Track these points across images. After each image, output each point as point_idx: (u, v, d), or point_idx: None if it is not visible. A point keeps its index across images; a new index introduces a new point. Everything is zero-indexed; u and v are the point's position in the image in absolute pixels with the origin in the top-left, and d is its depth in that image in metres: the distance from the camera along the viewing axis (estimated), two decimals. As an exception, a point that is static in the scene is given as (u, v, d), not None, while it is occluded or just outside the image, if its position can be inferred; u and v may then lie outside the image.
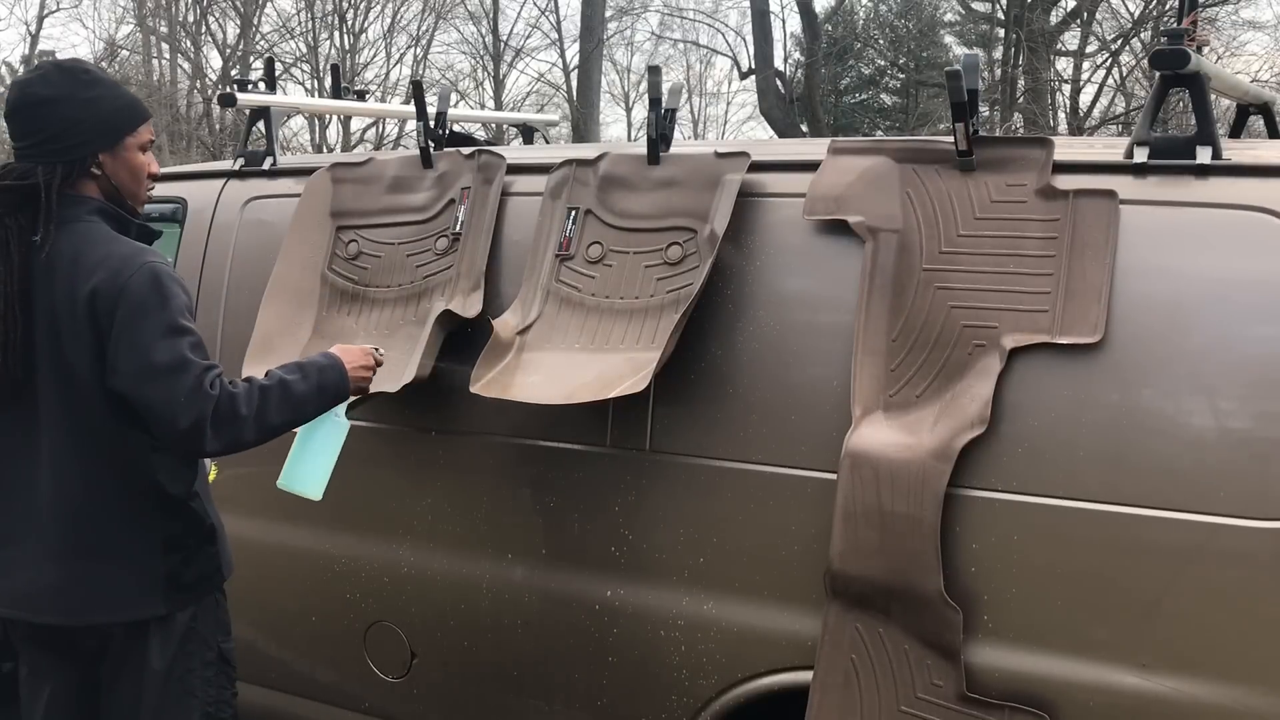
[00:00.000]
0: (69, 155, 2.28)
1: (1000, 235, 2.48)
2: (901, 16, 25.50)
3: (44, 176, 2.26)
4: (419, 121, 3.25)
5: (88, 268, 2.25)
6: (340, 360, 2.47)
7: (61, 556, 2.32)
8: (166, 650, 2.38)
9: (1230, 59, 18.01)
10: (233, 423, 2.24)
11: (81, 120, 2.29)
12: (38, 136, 2.28)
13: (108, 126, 2.32)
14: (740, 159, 2.77)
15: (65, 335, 2.26)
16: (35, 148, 2.29)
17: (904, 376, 2.51)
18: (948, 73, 2.48)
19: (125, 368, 2.22)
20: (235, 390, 2.27)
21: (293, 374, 2.38)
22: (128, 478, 2.35)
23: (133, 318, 2.21)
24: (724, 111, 33.61)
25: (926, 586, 2.40)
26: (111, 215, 2.34)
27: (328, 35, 23.73)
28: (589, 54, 21.21)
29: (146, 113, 2.42)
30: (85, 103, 2.29)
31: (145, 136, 2.40)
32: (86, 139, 2.29)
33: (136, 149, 2.37)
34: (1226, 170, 2.39)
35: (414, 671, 3.19)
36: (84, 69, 2.37)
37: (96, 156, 2.31)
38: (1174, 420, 2.30)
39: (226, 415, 2.23)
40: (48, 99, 2.28)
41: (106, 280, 2.23)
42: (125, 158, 2.35)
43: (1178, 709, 2.27)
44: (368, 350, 2.60)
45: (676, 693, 2.79)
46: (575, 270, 2.93)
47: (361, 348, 2.59)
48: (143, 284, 2.23)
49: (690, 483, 2.75)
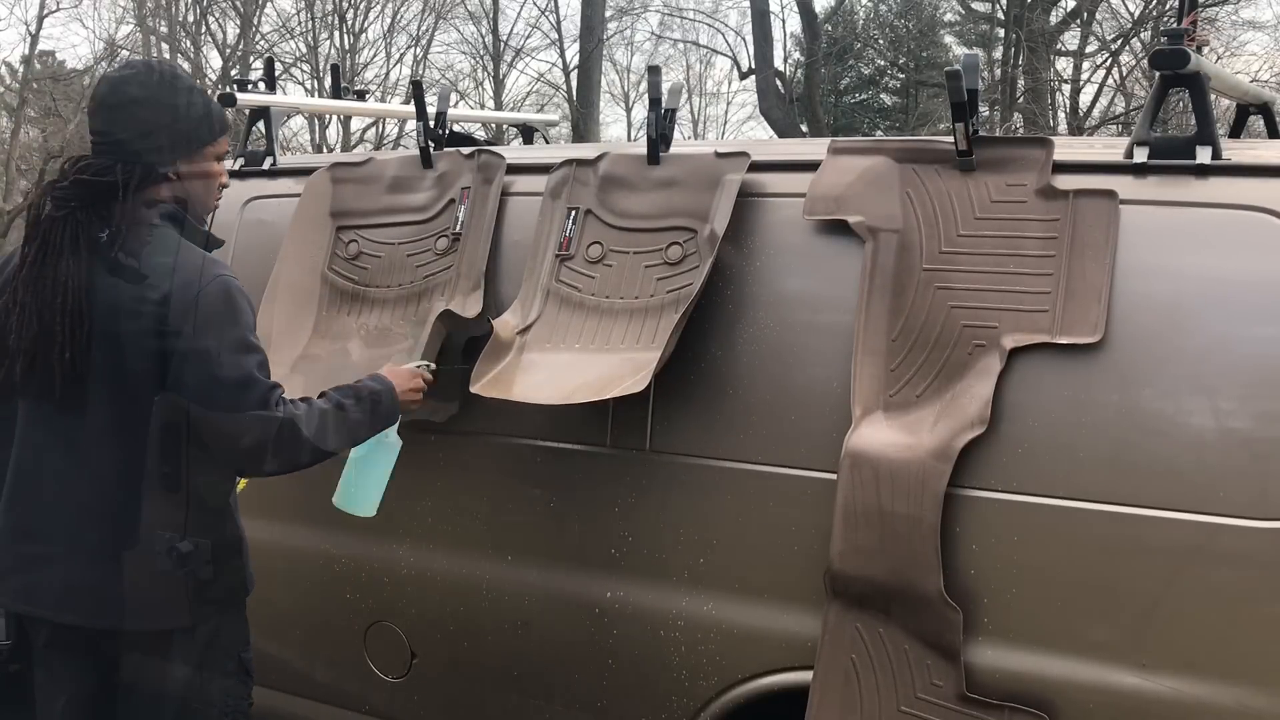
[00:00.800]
0: (150, 158, 2.25)
1: (1000, 235, 2.48)
2: (901, 16, 25.50)
3: (122, 175, 2.22)
4: (419, 121, 3.25)
5: (158, 273, 2.22)
6: (392, 385, 2.50)
7: (93, 558, 2.28)
8: (188, 661, 2.34)
9: (1230, 59, 18.02)
10: (293, 445, 2.25)
11: (168, 125, 2.27)
12: (122, 134, 2.26)
13: (192, 134, 2.31)
14: (740, 159, 2.77)
15: (125, 338, 2.21)
16: (118, 145, 2.25)
17: (904, 376, 2.51)
18: (948, 73, 2.48)
19: (192, 380, 2.20)
20: (297, 413, 2.26)
21: (348, 398, 2.39)
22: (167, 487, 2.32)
23: (204, 330, 2.19)
24: (724, 111, 33.63)
25: (926, 586, 2.40)
26: (181, 221, 2.30)
27: (328, 35, 23.72)
28: (589, 54, 21.20)
29: (227, 124, 2.44)
30: (174, 108, 2.28)
31: (222, 147, 2.40)
32: (170, 144, 2.28)
33: (213, 158, 2.37)
34: (1226, 170, 2.39)
35: (414, 671, 3.19)
36: (176, 74, 2.37)
37: (175, 162, 2.30)
38: (1174, 420, 2.30)
39: (288, 438, 2.24)
40: (139, 99, 2.26)
41: (179, 289, 2.20)
42: (202, 166, 2.35)
43: (1178, 709, 2.27)
44: (416, 372, 2.63)
45: (676, 693, 2.79)
46: (575, 270, 2.93)
47: (409, 369, 2.61)
48: (216, 297, 2.21)
49: (690, 483, 2.75)
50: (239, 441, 2.22)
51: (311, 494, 3.32)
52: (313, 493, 3.32)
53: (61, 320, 2.18)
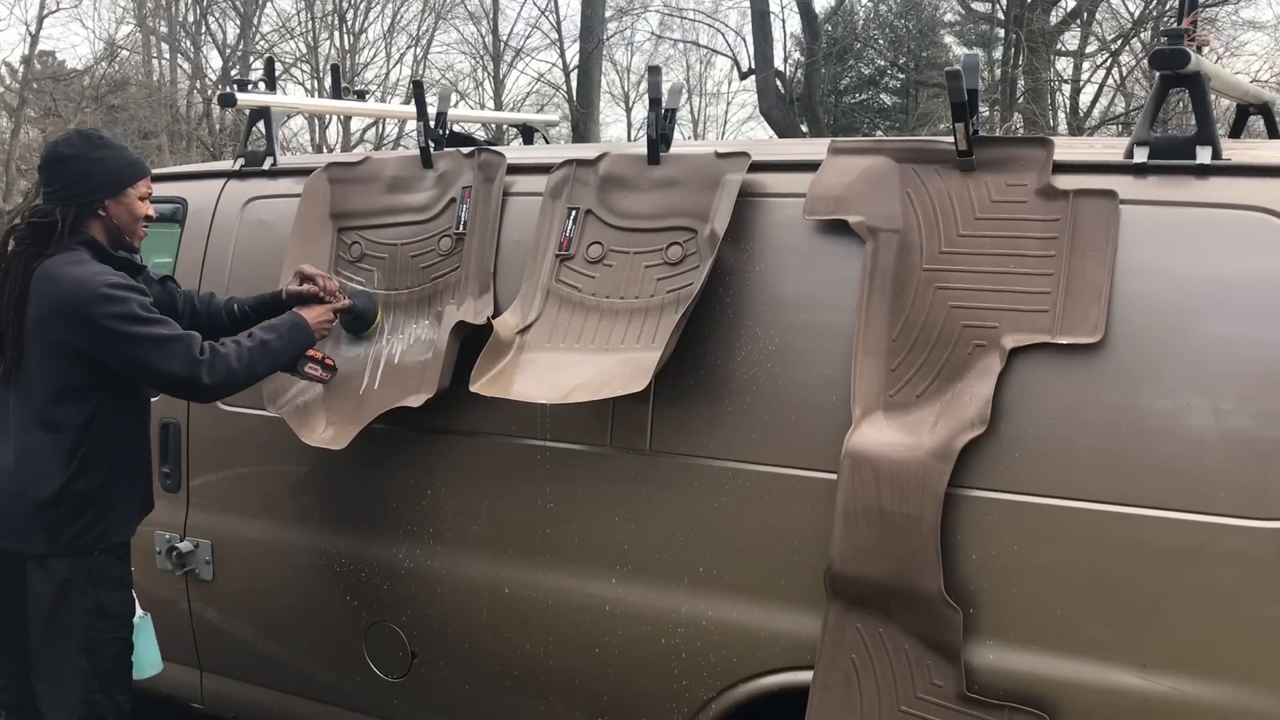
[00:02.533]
0: (81, 200, 2.87)
1: (1000, 235, 2.48)
2: (901, 16, 25.48)
3: (60, 214, 2.85)
4: (419, 121, 3.25)
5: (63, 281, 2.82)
6: (305, 318, 3.01)
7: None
8: (46, 588, 2.82)
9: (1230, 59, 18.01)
10: (226, 374, 2.82)
11: (92, 174, 2.87)
12: (58, 184, 2.87)
13: (113, 179, 2.89)
14: (740, 159, 2.77)
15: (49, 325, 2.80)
16: (57, 193, 2.87)
17: (904, 376, 2.51)
18: (948, 73, 2.47)
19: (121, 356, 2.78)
20: (225, 351, 2.83)
21: (269, 332, 2.95)
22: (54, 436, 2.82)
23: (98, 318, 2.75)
24: (724, 111, 33.68)
25: (926, 586, 2.40)
26: (95, 247, 2.87)
27: (328, 35, 23.73)
28: (589, 54, 21.19)
29: (146, 170, 3.00)
30: (95, 160, 2.88)
31: (144, 189, 2.96)
32: (95, 188, 2.87)
33: (136, 198, 2.93)
34: (1226, 170, 2.39)
35: (414, 671, 3.19)
36: (98, 135, 2.97)
37: (103, 202, 2.88)
38: (1174, 420, 2.30)
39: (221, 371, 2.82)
40: (67, 156, 2.88)
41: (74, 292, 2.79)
42: (126, 204, 2.92)
43: (1178, 709, 2.27)
44: (327, 306, 3.07)
45: (676, 693, 2.79)
46: (575, 270, 2.93)
47: (321, 307, 3.07)
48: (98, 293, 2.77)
49: (690, 483, 2.75)
50: (180, 381, 2.79)
51: (311, 495, 3.33)
52: (313, 493, 3.33)
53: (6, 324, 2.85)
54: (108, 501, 2.88)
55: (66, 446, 2.81)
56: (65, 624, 2.83)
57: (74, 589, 2.83)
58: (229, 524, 3.15)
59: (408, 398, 2.98)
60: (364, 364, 3.14)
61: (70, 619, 2.83)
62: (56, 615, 2.82)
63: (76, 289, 2.76)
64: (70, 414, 2.82)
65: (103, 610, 2.87)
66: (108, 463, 2.88)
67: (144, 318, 2.78)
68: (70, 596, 2.83)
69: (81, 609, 2.83)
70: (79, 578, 2.83)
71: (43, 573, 2.83)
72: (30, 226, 2.88)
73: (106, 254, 2.88)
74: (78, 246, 2.85)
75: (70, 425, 2.82)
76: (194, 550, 3.50)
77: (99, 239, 2.89)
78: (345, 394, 3.14)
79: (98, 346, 2.78)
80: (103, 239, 2.90)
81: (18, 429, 2.85)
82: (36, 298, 2.80)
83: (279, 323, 2.99)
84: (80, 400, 2.82)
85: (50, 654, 2.85)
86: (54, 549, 2.82)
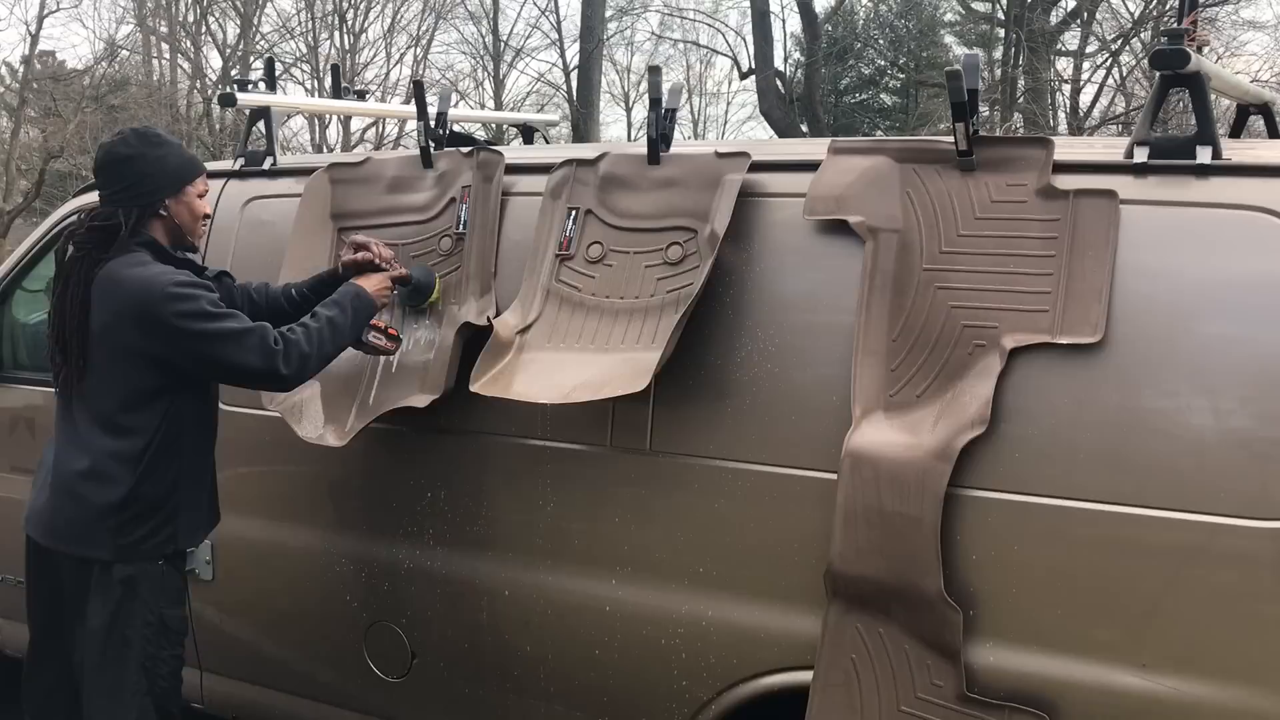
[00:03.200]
0: (143, 200, 2.81)
1: (1000, 235, 2.48)
2: (901, 16, 25.48)
3: (123, 216, 2.79)
4: (419, 121, 3.25)
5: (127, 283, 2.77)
6: (363, 287, 2.95)
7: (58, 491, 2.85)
8: (108, 596, 2.78)
9: (1230, 59, 17.99)
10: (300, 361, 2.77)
11: (153, 173, 2.80)
12: (118, 185, 2.81)
13: (174, 177, 2.83)
14: (740, 159, 2.77)
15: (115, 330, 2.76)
16: (117, 195, 2.81)
17: (904, 376, 2.51)
18: (948, 73, 2.47)
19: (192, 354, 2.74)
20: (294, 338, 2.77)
21: (331, 309, 2.88)
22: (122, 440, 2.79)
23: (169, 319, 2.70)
24: (724, 111, 33.65)
25: (926, 586, 2.40)
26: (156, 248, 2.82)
27: (328, 35, 23.72)
28: (589, 54, 21.18)
29: (203, 167, 2.94)
30: (156, 159, 2.81)
31: (202, 187, 2.90)
32: (157, 187, 2.81)
33: (195, 195, 2.88)
34: (1226, 170, 2.39)
35: (414, 671, 3.19)
36: (154, 133, 2.89)
37: (164, 201, 2.82)
38: (1174, 420, 2.30)
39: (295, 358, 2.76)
40: (125, 156, 2.80)
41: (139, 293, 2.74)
42: (186, 202, 2.86)
43: (1178, 709, 2.27)
44: (384, 274, 3.01)
45: (676, 693, 2.79)
46: (575, 270, 2.93)
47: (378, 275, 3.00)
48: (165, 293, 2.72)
49: (690, 483, 2.75)
50: (258, 373, 2.74)
51: (311, 495, 3.33)
52: (313, 494, 3.33)
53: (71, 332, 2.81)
54: (174, 507, 2.84)
55: (134, 451, 2.77)
56: (123, 635, 2.78)
57: (135, 599, 2.78)
58: (229, 524, 3.15)
59: (413, 398, 2.98)
60: (365, 362, 3.14)
61: (129, 630, 2.78)
62: (115, 625, 2.77)
63: (143, 290, 2.70)
64: (138, 418, 2.77)
65: (163, 625, 2.83)
66: (175, 467, 2.83)
67: (214, 313, 2.72)
68: (132, 608, 2.78)
69: (142, 622, 2.79)
70: (141, 588, 2.79)
71: (106, 579, 2.78)
72: (91, 230, 2.82)
73: (167, 254, 2.83)
74: (138, 248, 2.79)
75: (138, 429, 2.77)
76: (194, 550, 3.50)
77: (160, 239, 2.83)
78: (346, 393, 3.14)
79: (169, 347, 2.72)
80: (164, 239, 2.84)
81: (86, 435, 2.80)
82: (101, 302, 2.75)
83: (339, 296, 2.92)
84: (149, 404, 2.77)
85: (108, 668, 2.79)
86: (119, 554, 2.77)
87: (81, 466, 2.79)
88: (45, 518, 2.87)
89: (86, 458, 2.79)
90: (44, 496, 2.89)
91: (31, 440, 3.86)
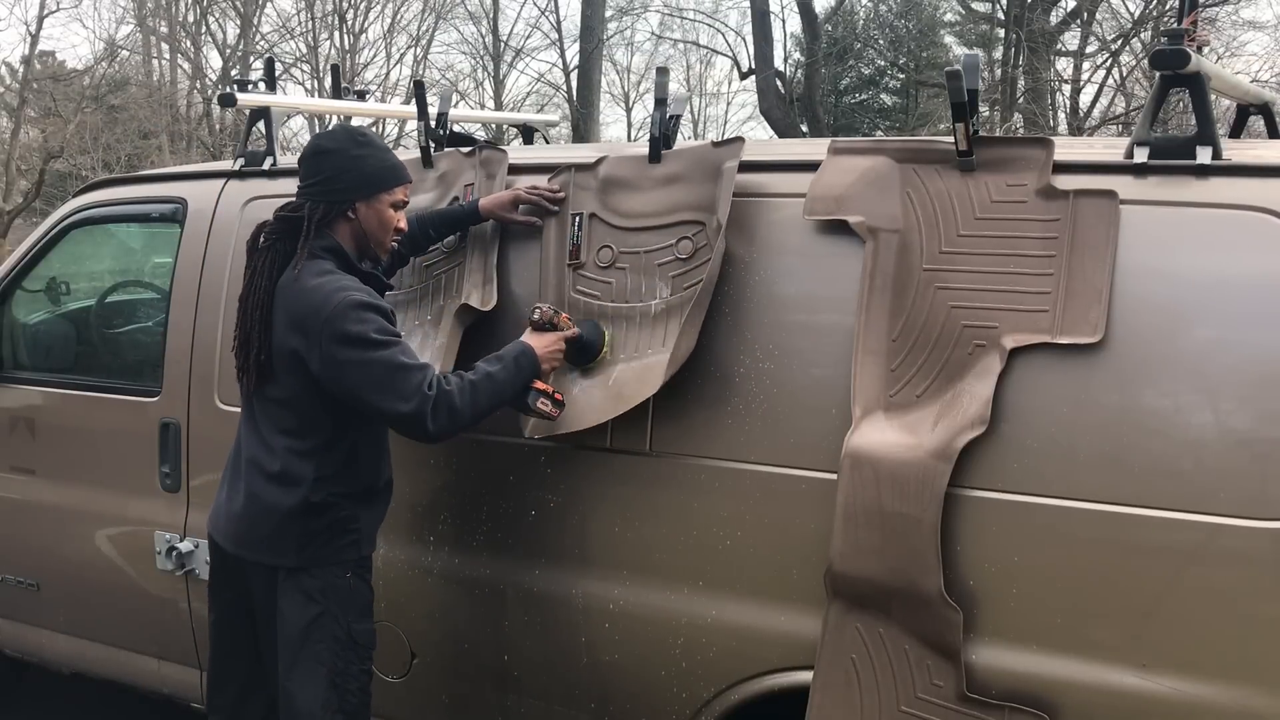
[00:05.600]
0: (331, 198, 2.71)
1: (1000, 235, 2.47)
2: (901, 16, 25.48)
3: (309, 212, 2.71)
4: (420, 121, 3.25)
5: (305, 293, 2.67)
6: (532, 345, 2.77)
7: (242, 495, 2.81)
8: (298, 611, 2.73)
9: (1230, 59, 17.99)
10: (450, 415, 2.61)
11: (347, 171, 2.70)
12: (313, 178, 2.73)
13: (368, 180, 2.72)
14: (736, 144, 2.78)
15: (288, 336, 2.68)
16: (309, 188, 2.73)
17: (904, 376, 2.51)
18: (948, 73, 2.47)
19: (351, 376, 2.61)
20: (448, 388, 2.61)
21: (493, 364, 2.72)
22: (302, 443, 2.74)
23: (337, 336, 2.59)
24: (724, 111, 33.61)
25: (926, 586, 2.40)
26: (340, 256, 2.73)
27: (328, 35, 23.73)
28: (589, 54, 21.20)
29: (406, 177, 2.80)
30: (354, 158, 2.71)
31: (399, 196, 2.77)
32: (348, 186, 2.70)
33: (389, 205, 2.75)
34: (1226, 170, 2.39)
35: (414, 671, 3.19)
36: (362, 133, 2.80)
37: (354, 204, 2.72)
38: (1174, 420, 2.30)
39: (444, 410, 2.60)
40: (326, 150, 2.73)
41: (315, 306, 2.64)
42: (377, 210, 2.74)
43: (1178, 709, 2.27)
44: (558, 336, 2.81)
45: (676, 693, 2.79)
46: (589, 277, 2.92)
47: (553, 335, 2.81)
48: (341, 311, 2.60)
49: (690, 483, 2.75)
50: (403, 419, 2.59)
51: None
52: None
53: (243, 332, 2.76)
54: (355, 511, 2.79)
55: (315, 455, 2.72)
56: (316, 653, 2.74)
57: (326, 616, 2.74)
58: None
59: None
60: None
61: (321, 648, 2.74)
62: (308, 643, 2.73)
63: (318, 303, 2.60)
64: (316, 422, 2.72)
65: (353, 640, 2.78)
66: (352, 471, 2.78)
67: (379, 340, 2.58)
68: (323, 624, 2.74)
69: (332, 638, 2.74)
70: (330, 604, 2.74)
71: (294, 590, 2.74)
72: (279, 220, 2.76)
73: (351, 265, 2.73)
74: (323, 255, 2.70)
75: (317, 432, 2.72)
76: (194, 550, 3.50)
77: (345, 246, 2.74)
78: None
79: (321, 366, 2.61)
80: (349, 246, 2.74)
81: (269, 435, 2.76)
82: (281, 307, 2.68)
83: (504, 352, 2.74)
84: (326, 408, 2.70)
85: (303, 684, 2.75)
86: (304, 560, 2.73)
87: (268, 468, 2.75)
88: (230, 523, 2.83)
89: (270, 459, 2.75)
90: (228, 499, 2.85)
91: (31, 440, 3.86)
